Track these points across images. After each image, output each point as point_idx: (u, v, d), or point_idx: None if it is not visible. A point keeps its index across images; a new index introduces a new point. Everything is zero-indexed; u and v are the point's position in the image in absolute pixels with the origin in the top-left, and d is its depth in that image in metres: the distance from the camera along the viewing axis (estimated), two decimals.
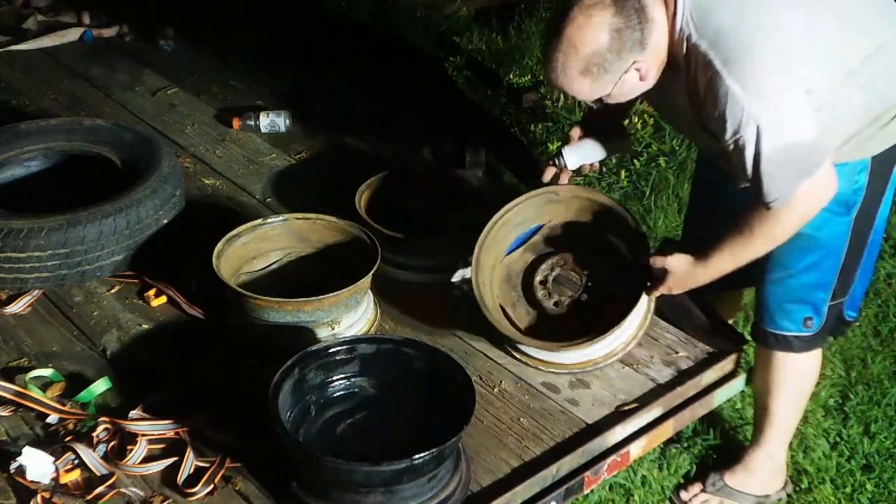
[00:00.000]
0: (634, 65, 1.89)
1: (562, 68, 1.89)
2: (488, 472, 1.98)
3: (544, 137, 4.08)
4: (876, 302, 3.31)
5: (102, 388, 2.12)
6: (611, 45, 1.84)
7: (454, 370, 1.95)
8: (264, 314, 2.21)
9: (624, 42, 1.84)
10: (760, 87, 1.80)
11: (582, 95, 1.95)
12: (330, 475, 1.79)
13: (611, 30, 1.83)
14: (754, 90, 1.79)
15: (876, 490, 2.62)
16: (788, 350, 2.27)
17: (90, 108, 3.50)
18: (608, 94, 1.94)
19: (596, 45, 1.84)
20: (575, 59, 1.86)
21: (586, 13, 1.83)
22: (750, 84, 1.79)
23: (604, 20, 1.82)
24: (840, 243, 2.14)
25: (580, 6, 1.84)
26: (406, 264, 2.52)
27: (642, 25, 1.84)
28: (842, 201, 2.06)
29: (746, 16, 1.82)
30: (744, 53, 1.80)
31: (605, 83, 1.91)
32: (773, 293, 2.23)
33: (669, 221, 3.63)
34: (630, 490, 2.55)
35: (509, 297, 2.39)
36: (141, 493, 1.87)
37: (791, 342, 2.26)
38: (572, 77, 1.90)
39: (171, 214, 2.63)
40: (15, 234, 2.38)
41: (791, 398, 2.37)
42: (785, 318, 2.23)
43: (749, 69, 1.80)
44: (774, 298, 2.23)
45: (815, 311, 2.22)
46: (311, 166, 3.16)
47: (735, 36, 1.81)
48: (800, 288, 2.19)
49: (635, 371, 2.30)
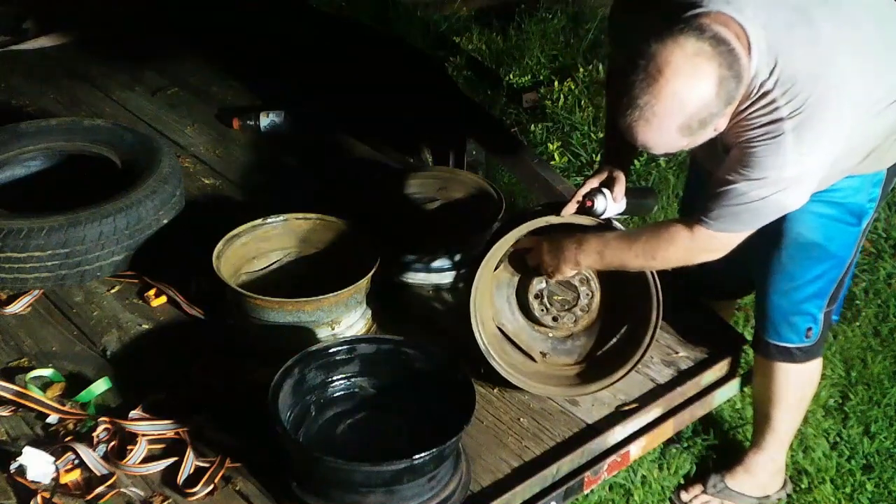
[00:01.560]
0: (722, 118, 1.74)
1: (659, 122, 1.68)
2: (488, 472, 1.98)
3: (544, 137, 4.08)
4: (876, 302, 3.31)
5: (102, 388, 2.12)
6: (717, 99, 1.68)
7: (454, 370, 1.95)
8: (264, 314, 2.21)
9: (725, 94, 1.69)
10: (808, 148, 1.74)
11: (661, 149, 1.77)
12: (330, 475, 1.79)
13: (717, 82, 1.66)
14: (804, 148, 1.74)
15: (876, 490, 2.62)
16: (791, 361, 2.26)
17: (90, 108, 3.50)
18: (684, 146, 1.77)
19: (703, 100, 1.67)
20: (680, 115, 1.68)
21: (692, 62, 1.64)
22: (804, 139, 1.73)
23: (712, 71, 1.65)
24: (848, 253, 2.15)
25: (683, 52, 1.64)
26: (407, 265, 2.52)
27: (739, 75, 1.69)
28: (855, 212, 2.06)
29: (822, 69, 1.73)
30: (811, 109, 1.72)
31: (697, 139, 1.74)
32: (779, 306, 2.21)
33: None
34: (630, 490, 2.54)
35: (505, 312, 2.28)
36: (141, 493, 1.87)
37: (794, 353, 2.25)
38: (667, 131, 1.70)
39: (171, 214, 2.63)
40: (15, 234, 2.38)
41: (792, 405, 2.36)
42: (790, 330, 2.23)
43: (811, 126, 1.73)
44: (780, 311, 2.22)
45: (814, 320, 2.22)
46: (311, 166, 3.16)
47: (809, 90, 1.72)
48: (804, 299, 2.18)
49: (635, 371, 2.30)
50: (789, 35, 1.74)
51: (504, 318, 2.27)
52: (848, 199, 2.05)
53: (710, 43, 1.65)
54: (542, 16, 5.20)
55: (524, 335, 2.27)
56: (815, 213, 2.02)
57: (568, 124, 4.13)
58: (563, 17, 5.24)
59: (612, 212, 2.10)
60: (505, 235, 2.12)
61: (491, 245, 2.13)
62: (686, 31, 1.66)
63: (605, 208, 2.08)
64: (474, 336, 2.13)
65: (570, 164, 3.90)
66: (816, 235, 2.07)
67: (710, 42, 1.65)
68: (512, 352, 2.24)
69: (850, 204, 2.05)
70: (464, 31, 5.11)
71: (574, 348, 2.27)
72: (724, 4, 1.74)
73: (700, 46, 1.65)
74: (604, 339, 2.26)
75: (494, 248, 2.12)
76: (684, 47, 1.64)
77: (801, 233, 2.00)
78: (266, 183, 3.06)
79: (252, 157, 3.21)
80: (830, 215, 2.06)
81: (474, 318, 2.13)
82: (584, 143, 3.99)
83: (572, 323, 2.25)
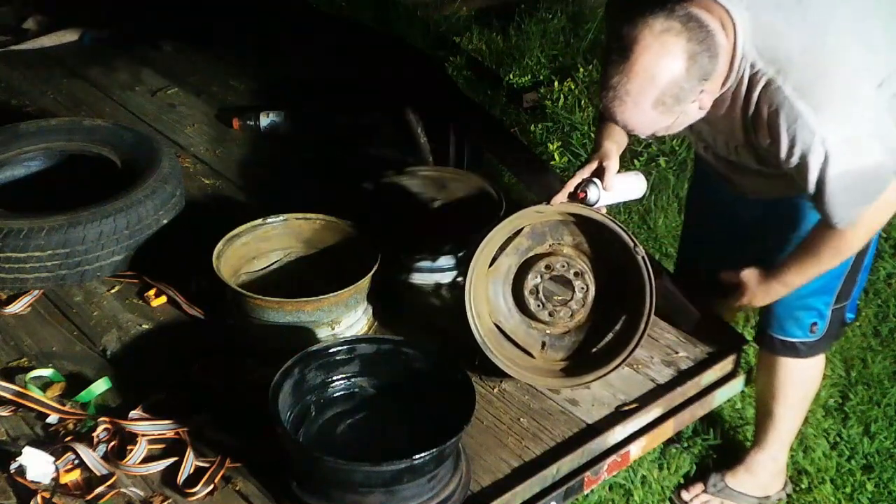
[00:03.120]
0: (701, 94, 1.79)
1: (633, 100, 1.75)
2: (488, 472, 1.98)
3: (544, 137, 4.08)
4: (876, 302, 3.31)
5: (102, 388, 2.12)
6: (687, 73, 1.73)
7: (454, 370, 1.95)
8: (264, 314, 2.21)
9: (697, 69, 1.74)
10: (833, 112, 1.75)
11: (643, 128, 1.83)
12: (330, 475, 1.79)
13: (687, 57, 1.72)
14: (828, 114, 1.74)
15: (876, 490, 2.62)
16: (795, 356, 2.27)
17: (90, 108, 3.50)
18: (668, 125, 1.84)
19: (673, 74, 1.72)
20: (651, 90, 1.73)
21: (661, 39, 1.71)
22: (824, 108, 1.74)
23: (679, 46, 1.71)
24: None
25: (651, 31, 1.71)
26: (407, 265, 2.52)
27: (711, 51, 1.74)
28: None
29: (815, 42, 1.76)
30: (816, 80, 1.74)
31: (673, 114, 1.80)
32: (783, 301, 2.21)
33: (669, 221, 3.63)
34: (630, 490, 2.55)
35: (501, 309, 2.29)
36: (141, 493, 1.87)
37: (798, 348, 2.26)
38: (642, 109, 1.76)
39: (171, 214, 2.63)
40: (15, 234, 2.38)
41: (796, 402, 2.37)
42: (794, 324, 2.23)
43: (822, 94, 1.74)
44: (784, 305, 2.22)
45: (820, 315, 2.22)
46: (311, 166, 3.16)
47: (807, 63, 1.74)
48: (809, 294, 2.19)
49: (635, 371, 2.30)
50: (777, 16, 1.77)
51: (501, 316, 2.27)
52: None
53: (679, 20, 1.72)
54: (542, 16, 5.20)
55: (521, 332, 2.28)
56: None
57: (568, 124, 4.13)
58: (563, 17, 5.24)
59: (605, 201, 2.13)
60: (498, 226, 2.15)
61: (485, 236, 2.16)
62: (656, 12, 1.72)
63: (597, 198, 2.11)
64: (470, 328, 2.15)
65: (570, 164, 3.90)
66: None
67: (679, 20, 1.72)
68: (509, 347, 2.25)
69: None
70: (464, 31, 5.11)
71: (571, 344, 2.27)
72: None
73: (669, 24, 1.71)
74: (600, 335, 2.26)
75: (487, 239, 2.15)
76: (652, 26, 1.71)
77: (805, 228, 2.00)
78: (266, 183, 3.05)
79: (252, 157, 3.21)
80: None
81: (470, 311, 2.15)
82: (584, 143, 3.99)
83: (568, 318, 2.25)
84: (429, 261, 2.52)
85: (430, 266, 2.52)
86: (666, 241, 3.52)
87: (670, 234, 3.55)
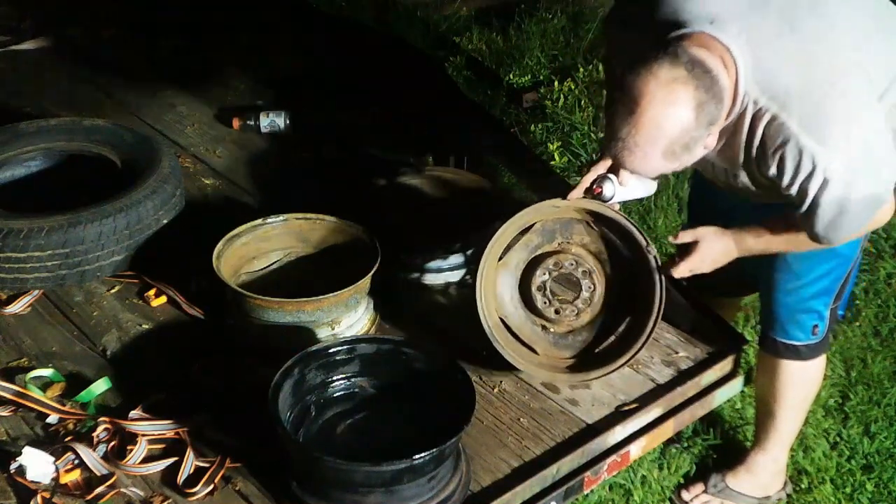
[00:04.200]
0: (709, 137, 1.78)
1: (642, 151, 1.73)
2: (488, 472, 1.98)
3: (544, 137, 4.08)
4: (876, 302, 3.31)
5: (102, 388, 2.12)
6: (696, 123, 1.71)
7: (454, 370, 1.95)
8: (264, 314, 2.21)
9: (705, 116, 1.72)
10: (836, 142, 1.75)
11: (652, 174, 1.84)
12: (330, 475, 1.79)
13: (695, 105, 1.70)
14: (831, 145, 1.75)
15: (876, 490, 2.62)
16: (797, 358, 2.27)
17: (90, 108, 3.50)
18: (676, 167, 1.82)
19: (682, 125, 1.71)
20: (660, 142, 1.72)
21: (668, 89, 1.68)
22: (827, 140, 1.74)
23: (688, 95, 1.69)
24: (854, 252, 2.16)
25: (657, 81, 1.68)
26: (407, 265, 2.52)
27: (717, 95, 1.73)
28: None
29: (814, 73, 1.75)
30: (818, 112, 1.74)
31: (683, 161, 1.78)
32: (785, 304, 2.21)
33: (669, 221, 3.63)
34: (630, 490, 2.55)
35: (507, 304, 2.31)
36: (141, 493, 1.87)
37: (800, 350, 2.26)
38: (652, 159, 1.75)
39: (171, 214, 2.63)
40: (15, 234, 2.38)
41: (797, 403, 2.37)
42: (796, 327, 2.23)
43: (825, 126, 1.74)
44: (786, 309, 2.22)
45: (820, 317, 2.22)
46: (311, 166, 3.16)
47: (807, 95, 1.74)
48: (810, 297, 2.19)
49: (635, 371, 2.30)
50: (776, 49, 1.76)
51: (507, 311, 2.28)
52: None
53: (685, 68, 1.69)
54: (542, 16, 5.20)
55: (526, 329, 2.28)
56: None
57: (568, 124, 4.13)
58: (563, 17, 5.24)
59: (620, 197, 2.13)
60: (511, 219, 2.17)
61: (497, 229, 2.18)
62: (660, 59, 1.70)
63: (612, 194, 2.11)
64: (479, 317, 2.16)
65: (570, 164, 3.90)
66: None
67: (685, 67, 1.69)
68: (514, 343, 2.25)
69: None
70: (464, 31, 5.11)
71: (575, 343, 2.27)
72: (707, 24, 1.77)
73: (675, 73, 1.69)
74: (604, 335, 2.27)
75: (500, 232, 2.17)
76: (658, 76, 1.69)
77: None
78: (266, 183, 3.05)
79: (252, 157, 3.21)
80: None
81: (480, 301, 2.16)
82: (584, 143, 3.99)
83: (574, 316, 2.26)
84: (429, 261, 2.52)
85: (430, 266, 2.53)
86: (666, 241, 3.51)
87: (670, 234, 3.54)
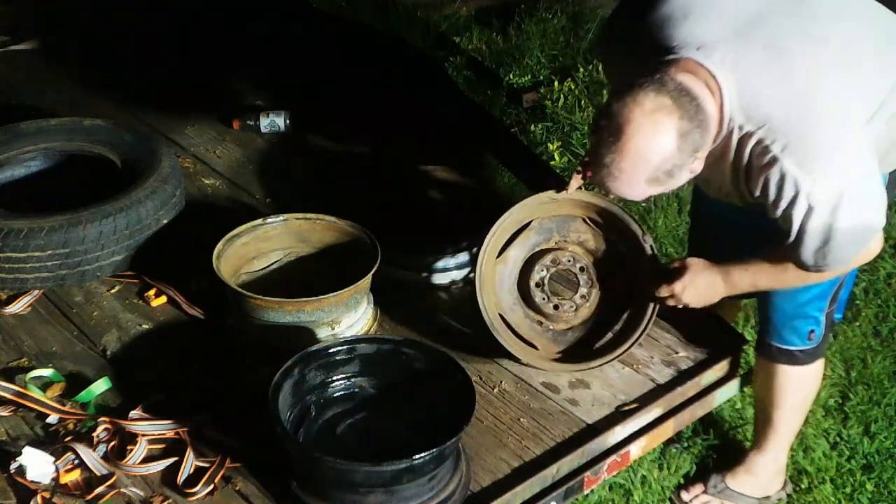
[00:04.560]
0: (694, 162, 1.81)
1: (626, 178, 1.77)
2: (488, 472, 1.98)
3: (544, 137, 4.08)
4: (876, 302, 3.31)
5: (102, 388, 2.12)
6: (679, 151, 1.74)
7: (454, 370, 1.95)
8: (264, 314, 2.21)
9: (689, 144, 1.75)
10: (822, 169, 1.75)
11: (637, 198, 1.86)
12: (330, 475, 1.79)
13: (679, 135, 1.73)
14: (817, 172, 1.75)
15: (876, 490, 2.62)
16: (794, 363, 2.26)
17: (90, 108, 3.50)
18: (662, 191, 1.86)
19: (665, 153, 1.74)
20: (644, 170, 1.75)
21: (652, 119, 1.71)
22: (811, 166, 1.75)
23: (671, 125, 1.72)
24: None
25: (642, 110, 1.71)
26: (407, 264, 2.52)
27: (702, 123, 1.75)
28: None
29: (800, 99, 1.76)
30: (803, 138, 1.75)
31: (668, 186, 1.82)
32: (782, 309, 2.21)
33: (669, 221, 3.63)
34: (630, 490, 2.54)
35: (506, 301, 2.33)
36: (141, 493, 1.87)
37: (797, 355, 2.25)
38: (636, 185, 1.79)
39: (171, 214, 2.63)
40: (15, 234, 2.38)
41: (794, 406, 2.36)
42: (792, 333, 2.23)
43: (810, 152, 1.75)
44: (783, 314, 2.22)
45: (816, 322, 2.22)
46: (311, 166, 3.16)
47: (793, 121, 1.75)
48: (806, 302, 2.18)
49: (635, 371, 2.30)
50: (760, 76, 1.78)
51: (505, 308, 2.29)
52: None
53: (670, 97, 1.72)
54: (542, 16, 5.19)
55: (525, 326, 2.30)
56: None
57: (568, 124, 4.13)
58: (563, 17, 5.23)
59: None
60: (508, 212, 2.20)
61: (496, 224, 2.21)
62: (646, 87, 1.73)
63: None
64: (480, 312, 2.18)
65: (570, 164, 3.90)
66: None
67: (670, 96, 1.72)
68: (514, 338, 2.26)
69: None
70: (464, 31, 5.11)
71: (574, 339, 2.29)
72: (694, 51, 1.79)
73: (660, 101, 1.71)
74: (602, 331, 2.29)
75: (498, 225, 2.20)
76: (643, 104, 1.72)
77: None
78: (266, 183, 3.05)
79: (252, 157, 3.21)
80: None
81: (480, 294, 2.18)
82: (584, 143, 3.99)
83: (572, 312, 2.28)
84: (429, 261, 2.52)
85: (430, 266, 2.53)
86: (666, 241, 3.51)
87: (670, 234, 3.55)
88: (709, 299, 2.11)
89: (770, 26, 1.81)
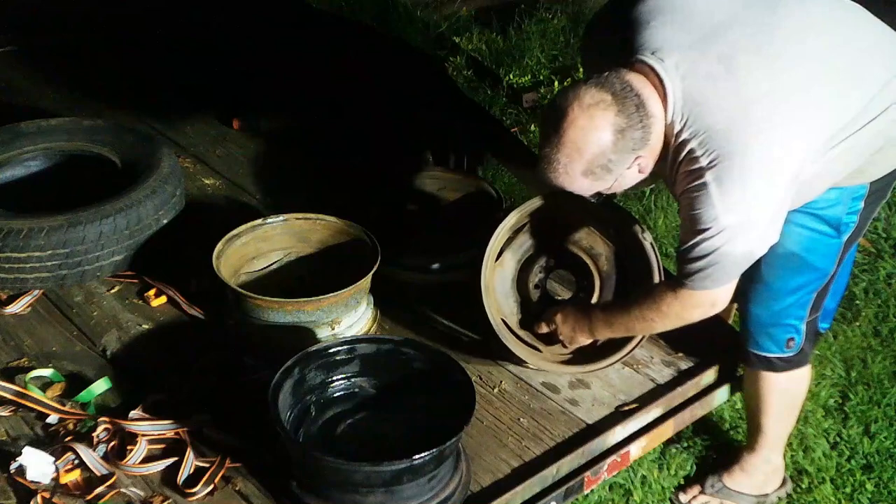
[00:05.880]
0: (637, 161, 1.85)
1: (563, 169, 1.84)
2: (488, 472, 1.98)
3: None
4: (876, 302, 3.31)
5: (102, 388, 2.12)
6: (615, 146, 1.80)
7: (454, 370, 1.95)
8: (264, 314, 2.22)
9: (627, 141, 1.80)
10: (737, 199, 1.77)
11: (581, 192, 1.92)
12: (330, 475, 1.79)
13: (614, 130, 1.79)
14: (732, 200, 1.77)
15: (876, 490, 2.62)
16: (772, 370, 2.26)
17: (90, 108, 3.50)
18: (608, 188, 1.92)
19: (600, 147, 1.79)
20: (578, 161, 1.82)
21: (588, 113, 1.78)
22: (729, 192, 1.77)
23: (606, 121, 1.78)
24: (829, 265, 2.13)
25: (580, 104, 1.78)
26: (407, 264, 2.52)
27: (643, 122, 1.80)
28: (834, 225, 2.06)
29: (740, 117, 1.77)
30: (732, 157, 1.76)
31: (607, 181, 1.87)
32: (757, 316, 2.20)
33: (669, 221, 3.63)
34: (630, 490, 2.55)
35: (506, 304, 2.33)
36: (141, 493, 1.87)
37: (774, 363, 2.24)
38: (574, 177, 1.86)
39: (171, 214, 2.63)
40: (15, 234, 2.38)
41: (779, 411, 2.36)
42: (769, 340, 2.22)
43: (732, 175, 1.76)
44: (759, 322, 2.21)
45: (796, 331, 2.21)
46: (311, 166, 3.16)
47: (726, 139, 1.77)
48: (783, 311, 2.17)
49: (635, 371, 2.30)
50: (707, 87, 1.80)
51: (506, 312, 2.30)
52: (825, 210, 2.03)
53: (612, 94, 1.78)
54: (542, 16, 5.20)
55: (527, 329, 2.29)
56: (793, 224, 2.01)
57: None
58: (563, 17, 5.24)
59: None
60: (510, 215, 2.22)
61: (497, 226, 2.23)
62: (589, 84, 1.80)
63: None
64: (484, 310, 2.19)
65: None
66: (795, 246, 2.06)
67: (612, 93, 1.78)
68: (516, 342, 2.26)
69: (828, 216, 2.04)
70: (464, 31, 5.11)
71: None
72: (650, 54, 1.84)
73: (599, 97, 1.77)
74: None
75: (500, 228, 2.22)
76: (582, 99, 1.78)
77: (780, 243, 1.97)
78: (266, 183, 3.06)
79: (252, 157, 3.21)
80: (809, 226, 2.05)
81: (485, 297, 2.18)
82: None
83: None
84: (429, 261, 2.52)
85: (429, 266, 2.53)
86: (666, 241, 3.51)
87: (670, 234, 3.55)
88: (581, 337, 2.19)
89: (728, 40, 1.82)
